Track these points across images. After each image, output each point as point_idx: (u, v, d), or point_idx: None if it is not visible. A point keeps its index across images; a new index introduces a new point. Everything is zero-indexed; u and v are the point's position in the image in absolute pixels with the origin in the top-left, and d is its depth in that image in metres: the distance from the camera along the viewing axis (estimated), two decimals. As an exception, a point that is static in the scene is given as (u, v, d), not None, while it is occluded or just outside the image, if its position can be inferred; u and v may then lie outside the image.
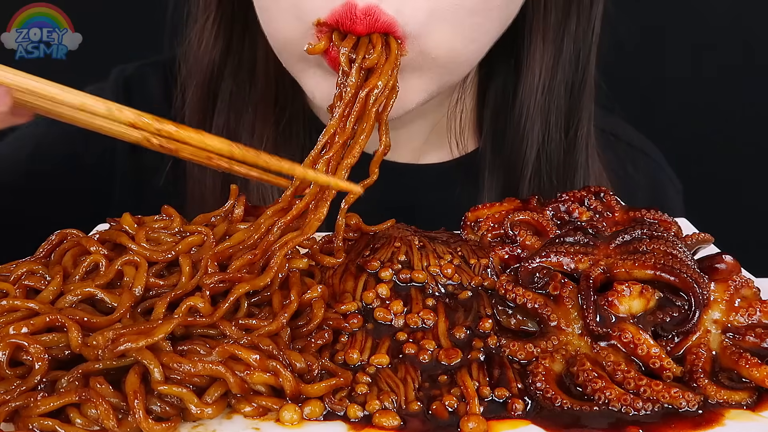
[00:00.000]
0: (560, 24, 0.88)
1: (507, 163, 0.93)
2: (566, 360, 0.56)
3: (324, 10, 0.69)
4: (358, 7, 0.68)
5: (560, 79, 0.89)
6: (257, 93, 0.90)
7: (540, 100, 0.89)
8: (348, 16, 0.68)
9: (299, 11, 0.71)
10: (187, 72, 0.91)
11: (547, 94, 0.89)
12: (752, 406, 0.52)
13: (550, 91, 0.89)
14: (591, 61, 0.90)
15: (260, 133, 0.90)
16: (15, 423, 0.49)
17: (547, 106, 0.90)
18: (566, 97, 0.91)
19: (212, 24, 0.89)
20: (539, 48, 0.88)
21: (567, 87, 0.90)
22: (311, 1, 0.70)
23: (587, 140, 0.94)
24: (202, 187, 0.91)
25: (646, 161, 1.08)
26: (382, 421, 0.50)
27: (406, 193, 0.94)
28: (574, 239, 0.64)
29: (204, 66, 0.90)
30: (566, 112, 0.91)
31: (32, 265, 0.60)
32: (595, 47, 0.90)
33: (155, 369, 0.50)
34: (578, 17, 0.88)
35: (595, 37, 0.89)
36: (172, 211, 0.67)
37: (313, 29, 0.71)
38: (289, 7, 0.72)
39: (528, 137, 0.90)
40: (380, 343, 0.59)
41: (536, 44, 0.88)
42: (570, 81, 0.90)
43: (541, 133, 0.90)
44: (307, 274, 0.65)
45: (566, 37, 0.88)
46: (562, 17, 0.87)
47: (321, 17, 0.69)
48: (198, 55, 0.90)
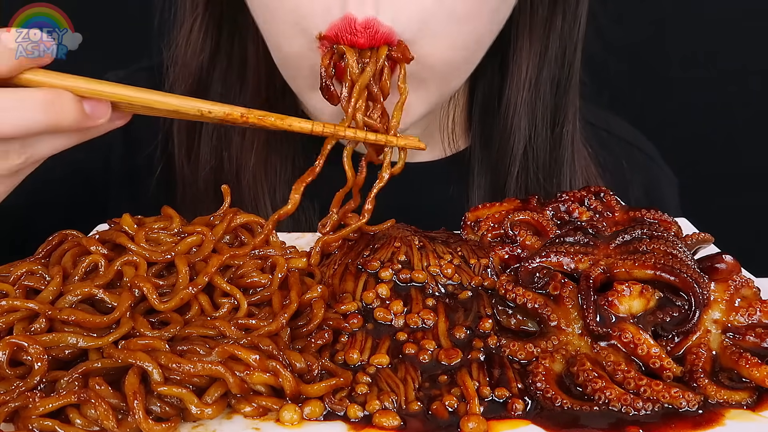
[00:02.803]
0: (546, 21, 0.88)
1: (495, 160, 0.93)
2: (566, 360, 0.56)
3: (323, 24, 0.69)
4: (357, 21, 0.67)
5: (546, 76, 0.90)
6: (247, 95, 0.90)
7: (527, 97, 0.90)
8: (348, 30, 0.68)
9: (300, 26, 0.71)
10: (175, 76, 0.91)
11: (534, 90, 0.90)
12: (752, 406, 0.52)
13: (537, 87, 0.90)
14: (577, 57, 0.91)
15: (251, 135, 0.89)
16: (15, 423, 0.49)
17: (534, 102, 0.90)
18: (552, 94, 0.91)
19: (200, 26, 0.88)
20: (525, 45, 0.88)
21: (553, 83, 0.91)
22: (311, 14, 0.70)
23: (573, 136, 0.94)
24: (194, 190, 0.91)
25: (639, 155, 1.08)
26: (382, 421, 0.50)
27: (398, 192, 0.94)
28: (574, 239, 0.64)
29: (192, 69, 0.89)
30: (552, 108, 0.91)
31: (32, 266, 0.60)
32: (580, 44, 0.90)
33: (154, 370, 0.50)
34: (564, 14, 0.88)
35: (581, 35, 0.90)
36: (171, 211, 0.67)
37: (317, 43, 0.71)
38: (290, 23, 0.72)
39: (515, 133, 0.91)
40: (380, 343, 0.59)
41: (523, 41, 0.88)
42: (556, 77, 0.90)
43: (528, 129, 0.91)
44: (307, 274, 0.65)
45: (552, 34, 0.88)
46: (548, 14, 0.88)
47: (321, 31, 0.69)
48: (186, 59, 0.89)
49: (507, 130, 0.91)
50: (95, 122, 0.58)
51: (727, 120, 1.53)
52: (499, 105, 0.92)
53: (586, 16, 0.89)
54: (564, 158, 0.93)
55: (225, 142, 0.90)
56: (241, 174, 0.90)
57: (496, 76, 0.92)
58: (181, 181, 0.92)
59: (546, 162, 0.92)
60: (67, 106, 0.55)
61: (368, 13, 0.68)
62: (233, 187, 0.72)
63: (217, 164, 0.91)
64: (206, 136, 0.91)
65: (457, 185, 0.95)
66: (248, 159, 0.89)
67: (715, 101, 1.52)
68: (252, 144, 0.89)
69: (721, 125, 1.53)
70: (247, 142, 0.89)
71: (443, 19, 0.71)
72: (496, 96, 0.92)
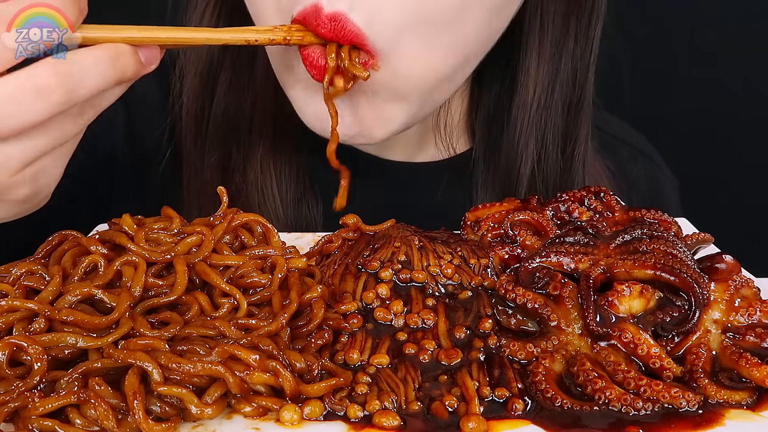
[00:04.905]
0: (558, 43, 0.86)
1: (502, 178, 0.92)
2: (566, 360, 0.56)
3: (297, 8, 0.69)
4: (323, 11, 0.67)
5: (557, 98, 0.88)
6: (256, 84, 0.90)
7: (535, 117, 0.88)
8: (313, 17, 0.67)
9: (279, 7, 0.71)
10: (185, 59, 0.91)
11: (543, 112, 0.88)
12: (752, 406, 0.52)
13: (546, 109, 0.88)
14: (589, 80, 0.89)
15: (259, 124, 0.89)
16: (15, 423, 0.49)
17: (543, 124, 0.89)
18: (563, 116, 0.89)
19: (212, 12, 0.88)
20: (534, 65, 0.87)
21: (564, 105, 0.89)
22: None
23: (584, 158, 0.93)
24: (200, 179, 0.91)
25: (642, 159, 1.08)
26: (382, 421, 0.50)
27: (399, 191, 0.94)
28: (574, 239, 0.64)
29: (203, 55, 0.89)
30: (563, 131, 0.90)
31: (31, 266, 0.60)
32: (593, 67, 0.89)
33: (154, 370, 0.50)
34: (576, 36, 0.86)
35: (594, 57, 0.88)
36: (171, 212, 0.67)
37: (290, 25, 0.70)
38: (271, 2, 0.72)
39: (522, 154, 0.89)
40: (380, 343, 0.59)
41: (531, 61, 0.87)
42: (567, 100, 0.89)
43: (537, 151, 0.89)
44: (307, 274, 0.65)
45: (564, 56, 0.87)
46: (560, 36, 0.86)
47: (293, 14, 0.69)
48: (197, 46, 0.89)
49: (514, 150, 0.89)
50: (149, 68, 0.59)
51: (727, 120, 1.53)
52: (507, 122, 0.90)
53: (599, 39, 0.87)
54: (575, 181, 0.92)
55: (234, 131, 0.90)
56: (248, 163, 0.89)
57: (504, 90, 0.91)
58: (187, 168, 0.92)
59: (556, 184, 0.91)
60: (128, 58, 0.57)
61: (337, 7, 0.67)
62: (240, 176, 0.72)
63: (225, 152, 0.90)
64: (214, 122, 0.91)
65: (457, 186, 0.95)
66: (256, 148, 0.89)
67: (715, 101, 1.52)
68: (260, 133, 0.89)
69: (721, 125, 1.53)
70: (256, 131, 0.89)
71: (422, 28, 0.69)
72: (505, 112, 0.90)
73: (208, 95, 0.91)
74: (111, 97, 0.58)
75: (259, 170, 0.89)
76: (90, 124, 0.58)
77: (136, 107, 0.94)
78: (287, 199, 0.89)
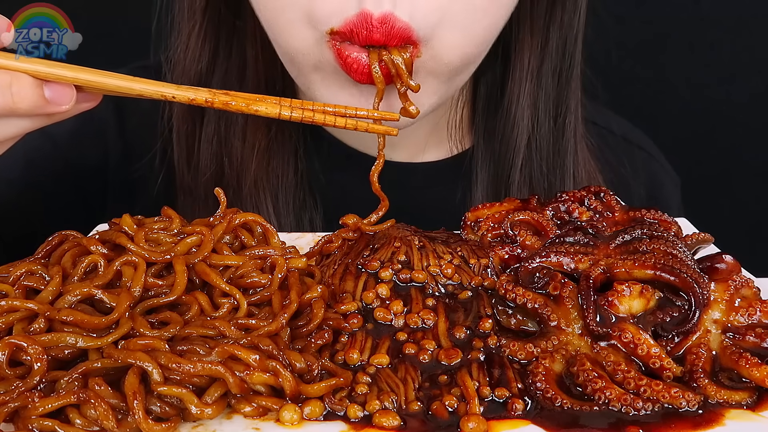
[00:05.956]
0: (546, 13, 0.88)
1: (498, 152, 0.93)
2: (566, 360, 0.56)
3: (337, 20, 0.68)
4: (374, 16, 0.67)
5: (548, 67, 0.90)
6: None
7: (529, 88, 0.90)
8: (364, 26, 0.67)
9: (311, 21, 0.70)
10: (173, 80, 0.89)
11: (536, 81, 0.90)
12: (752, 406, 0.52)
13: (539, 78, 0.90)
14: (578, 48, 0.91)
15: (252, 139, 0.89)
16: (15, 423, 0.49)
17: (536, 93, 0.90)
18: (554, 84, 0.91)
19: (198, 33, 0.88)
20: (527, 38, 0.89)
21: (555, 74, 0.91)
22: (323, 10, 0.69)
23: (575, 127, 0.94)
24: (195, 197, 0.90)
25: (642, 155, 1.08)
26: (382, 421, 0.50)
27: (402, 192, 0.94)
28: (574, 239, 0.64)
29: (191, 75, 0.89)
30: (555, 99, 0.92)
31: (31, 266, 0.60)
32: (581, 35, 0.90)
33: (154, 370, 0.50)
34: (564, 5, 0.88)
35: (581, 25, 0.90)
36: (171, 212, 0.67)
37: (327, 38, 0.70)
38: (300, 17, 0.71)
39: (518, 125, 0.91)
40: (380, 343, 0.59)
41: (524, 34, 0.89)
42: (558, 68, 0.91)
43: (531, 120, 0.91)
44: (307, 274, 0.65)
45: (552, 25, 0.89)
46: (548, 6, 0.88)
47: (334, 26, 0.69)
48: (185, 64, 0.89)
49: (510, 122, 0.91)
50: (58, 107, 0.56)
51: (727, 120, 1.53)
52: (501, 97, 0.92)
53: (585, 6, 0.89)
54: (567, 149, 0.93)
55: (226, 148, 0.90)
56: (242, 179, 0.89)
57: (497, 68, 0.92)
58: (181, 188, 0.92)
59: (549, 153, 0.92)
60: (25, 90, 0.54)
61: (385, 8, 0.67)
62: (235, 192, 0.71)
63: (217, 170, 0.90)
64: (206, 141, 0.90)
65: (458, 185, 0.95)
66: (249, 164, 0.89)
67: (715, 101, 1.52)
68: (253, 149, 0.89)
69: (721, 125, 1.53)
70: (248, 147, 0.89)
71: (461, 12, 0.70)
72: (499, 88, 0.92)
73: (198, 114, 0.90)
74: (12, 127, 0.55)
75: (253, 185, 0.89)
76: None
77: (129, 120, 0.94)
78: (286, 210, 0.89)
